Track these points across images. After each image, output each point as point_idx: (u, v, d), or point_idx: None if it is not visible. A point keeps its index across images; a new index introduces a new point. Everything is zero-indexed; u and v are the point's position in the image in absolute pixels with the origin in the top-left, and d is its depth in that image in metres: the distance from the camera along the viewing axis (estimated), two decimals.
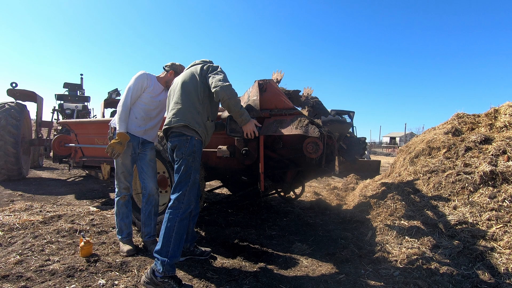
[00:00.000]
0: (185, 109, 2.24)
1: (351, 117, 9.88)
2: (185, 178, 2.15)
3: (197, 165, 2.21)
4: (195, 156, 2.20)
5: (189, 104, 2.26)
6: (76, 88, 9.50)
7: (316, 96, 4.14)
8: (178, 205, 2.11)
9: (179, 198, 2.12)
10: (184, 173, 2.16)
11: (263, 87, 2.69)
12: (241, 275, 2.26)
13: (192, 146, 2.19)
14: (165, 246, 2.04)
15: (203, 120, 2.29)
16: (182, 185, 2.14)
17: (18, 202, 4.44)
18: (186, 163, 2.16)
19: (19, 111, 6.42)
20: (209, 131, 2.38)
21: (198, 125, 2.23)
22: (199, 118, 2.26)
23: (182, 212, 2.10)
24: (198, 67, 2.39)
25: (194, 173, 2.18)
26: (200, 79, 2.33)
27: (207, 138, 2.38)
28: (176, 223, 2.07)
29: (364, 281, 2.19)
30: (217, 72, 2.32)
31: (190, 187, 2.16)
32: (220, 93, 2.19)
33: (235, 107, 2.26)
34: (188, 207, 2.15)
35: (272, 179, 3.01)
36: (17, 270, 2.18)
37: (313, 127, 2.49)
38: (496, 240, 2.41)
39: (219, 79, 2.25)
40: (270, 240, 3.06)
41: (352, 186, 5.68)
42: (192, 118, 2.22)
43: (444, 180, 3.24)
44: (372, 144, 41.05)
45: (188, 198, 2.14)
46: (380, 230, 3.00)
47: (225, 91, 2.19)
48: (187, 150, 2.18)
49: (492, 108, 4.01)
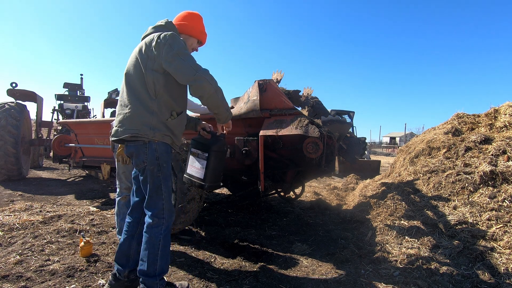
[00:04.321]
0: (132, 113, 1.78)
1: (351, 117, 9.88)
2: (156, 193, 1.81)
3: (167, 171, 1.85)
4: (160, 163, 1.81)
5: (137, 105, 1.78)
6: (76, 88, 9.50)
7: (316, 96, 4.14)
8: (158, 223, 1.80)
9: (158, 215, 1.81)
10: (152, 187, 1.81)
11: (263, 87, 2.69)
12: (241, 275, 2.26)
13: (153, 151, 1.79)
14: (152, 265, 1.78)
15: (162, 119, 1.81)
16: (156, 201, 1.82)
17: (18, 202, 4.44)
18: (151, 174, 1.80)
19: (19, 111, 6.42)
20: (177, 129, 1.92)
21: (153, 130, 1.77)
22: (154, 120, 1.78)
23: (165, 228, 1.82)
24: (143, 46, 1.79)
25: (165, 183, 1.84)
26: (146, 66, 1.76)
27: (176, 138, 1.94)
28: (162, 240, 1.80)
29: (364, 281, 2.19)
30: (178, 54, 1.70)
31: (167, 199, 1.83)
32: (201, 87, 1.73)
33: (223, 99, 1.86)
34: (170, 220, 1.85)
35: (272, 179, 3.01)
36: (17, 270, 2.18)
37: (313, 127, 2.49)
38: (496, 240, 2.41)
39: (188, 66, 1.71)
40: (270, 240, 3.06)
41: (352, 186, 5.68)
42: (142, 124, 1.76)
43: (444, 180, 3.24)
44: (372, 144, 41.05)
45: (169, 211, 1.84)
46: (380, 230, 3.00)
47: (209, 83, 1.74)
48: (147, 158, 1.79)
49: (492, 108, 4.01)
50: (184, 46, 1.77)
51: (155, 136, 1.78)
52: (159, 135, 1.79)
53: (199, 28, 2.02)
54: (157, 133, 1.78)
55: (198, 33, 2.03)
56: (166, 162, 1.86)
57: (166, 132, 1.83)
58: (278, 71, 4.29)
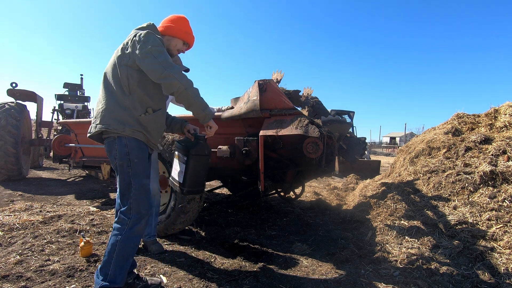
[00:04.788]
0: (105, 109, 1.78)
1: (351, 117, 9.88)
2: (126, 189, 1.77)
3: (138, 168, 1.79)
4: (131, 158, 1.76)
5: (110, 101, 1.78)
6: (76, 88, 9.50)
7: (316, 96, 4.14)
8: (123, 221, 1.75)
9: (124, 213, 1.76)
10: (122, 183, 1.78)
11: (263, 87, 2.69)
12: (241, 275, 2.26)
13: (123, 147, 1.76)
14: (104, 267, 1.72)
15: (135, 115, 1.78)
16: (125, 198, 1.77)
17: (18, 202, 4.44)
18: (121, 170, 1.77)
19: (19, 111, 6.42)
20: (151, 126, 1.86)
21: (123, 125, 1.75)
22: (125, 115, 1.76)
23: (128, 228, 1.73)
24: (120, 45, 1.83)
25: (135, 179, 1.77)
26: (121, 62, 1.77)
27: (150, 136, 1.87)
28: (119, 242, 1.72)
29: (364, 281, 2.19)
30: (150, 51, 1.70)
31: (135, 197, 1.76)
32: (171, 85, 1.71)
33: (196, 98, 1.80)
34: (137, 223, 1.76)
35: (272, 179, 3.01)
36: (17, 270, 2.18)
37: (313, 127, 2.49)
38: (496, 240, 2.41)
39: (158, 63, 1.69)
40: (270, 240, 3.06)
41: (352, 186, 5.68)
42: (113, 119, 1.75)
43: (444, 180, 3.24)
44: (372, 144, 41.06)
45: (137, 212, 1.75)
46: (380, 230, 3.00)
47: (178, 80, 1.70)
48: (118, 154, 1.77)
49: (492, 108, 4.01)
50: (159, 44, 1.75)
51: (125, 131, 1.75)
52: (129, 130, 1.76)
53: (183, 29, 2.02)
54: (127, 128, 1.75)
55: (182, 34, 2.02)
56: (138, 157, 1.79)
57: (137, 128, 1.79)
58: (278, 71, 4.30)
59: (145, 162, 1.86)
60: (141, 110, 1.81)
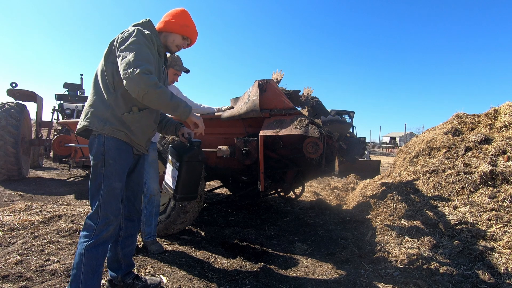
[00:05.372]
0: (90, 106, 1.70)
1: (351, 117, 9.89)
2: (95, 190, 1.64)
3: (112, 169, 1.65)
4: (106, 159, 1.64)
5: (94, 99, 1.71)
6: (76, 88, 9.50)
7: (316, 96, 4.14)
8: (90, 227, 1.62)
9: (91, 217, 1.63)
10: (93, 184, 1.65)
11: (263, 87, 2.69)
12: (241, 275, 2.26)
13: (100, 145, 1.65)
14: (74, 282, 1.57)
15: (118, 113, 1.67)
16: (94, 201, 1.64)
17: (18, 202, 4.44)
18: (94, 170, 1.66)
19: (19, 111, 6.42)
20: (135, 125, 1.73)
21: (103, 123, 1.65)
22: (107, 113, 1.66)
23: (94, 236, 1.60)
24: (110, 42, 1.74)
25: (106, 181, 1.63)
26: (107, 59, 1.69)
27: (134, 136, 1.74)
28: (86, 251, 1.57)
29: (364, 281, 2.19)
30: (126, 48, 1.59)
31: (104, 201, 1.62)
32: (130, 89, 1.55)
33: (161, 100, 1.62)
34: (104, 229, 1.62)
35: (272, 179, 3.01)
36: (17, 270, 2.18)
37: (313, 127, 2.49)
38: (496, 240, 2.41)
39: (126, 62, 1.55)
40: (270, 240, 3.06)
41: (352, 186, 5.68)
42: (95, 116, 1.67)
43: (444, 180, 3.24)
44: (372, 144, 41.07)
45: (104, 217, 1.62)
46: (380, 230, 3.00)
47: (136, 84, 1.52)
48: (94, 152, 1.67)
49: (492, 108, 4.01)
50: (140, 40, 1.62)
51: (104, 129, 1.64)
52: (109, 128, 1.65)
53: (181, 23, 1.87)
54: (107, 126, 1.65)
55: (180, 28, 1.87)
56: (114, 159, 1.66)
57: (118, 127, 1.68)
58: (278, 71, 4.30)
59: (122, 165, 1.71)
60: (125, 108, 1.69)
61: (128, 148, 1.75)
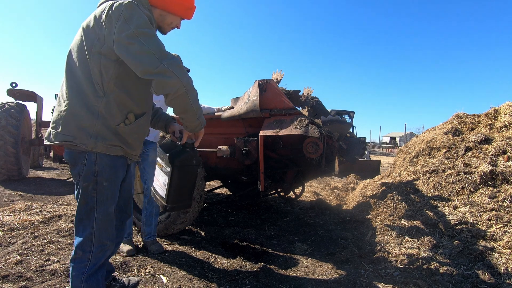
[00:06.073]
0: (69, 113, 1.32)
1: (351, 117, 9.89)
2: (86, 215, 1.38)
3: (107, 193, 1.40)
4: (99, 180, 1.37)
5: (75, 102, 1.32)
6: None
7: (316, 96, 4.15)
8: (82, 257, 1.38)
9: (83, 246, 1.38)
10: (83, 207, 1.38)
11: (263, 87, 2.69)
12: (241, 275, 2.26)
13: (91, 164, 1.35)
14: None
15: (111, 124, 1.35)
16: (84, 226, 1.39)
17: (18, 202, 4.44)
18: (84, 192, 1.37)
19: (19, 111, 6.42)
20: (132, 136, 1.44)
21: (94, 138, 1.32)
22: (97, 124, 1.32)
23: (91, 265, 1.39)
24: (91, 19, 1.30)
25: (101, 207, 1.39)
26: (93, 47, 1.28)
27: (130, 148, 1.46)
28: (83, 284, 1.38)
29: (364, 281, 2.19)
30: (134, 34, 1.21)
31: (98, 227, 1.39)
32: (167, 84, 1.24)
33: (194, 104, 1.36)
34: (101, 256, 1.42)
35: (272, 179, 3.02)
36: (17, 270, 2.18)
37: (313, 127, 2.49)
38: (496, 240, 2.41)
39: (150, 54, 1.21)
40: (270, 240, 3.06)
41: (352, 186, 5.68)
42: (79, 128, 1.32)
43: (444, 180, 3.24)
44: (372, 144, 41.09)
45: (99, 244, 1.40)
46: (380, 230, 3.00)
47: (178, 78, 1.24)
48: (83, 171, 1.36)
49: (492, 108, 4.01)
50: (146, 23, 1.26)
51: (96, 147, 1.33)
52: (102, 145, 1.34)
53: (186, 4, 1.51)
54: (99, 143, 1.33)
55: (184, 10, 1.52)
56: (109, 180, 1.40)
57: (114, 142, 1.37)
58: (278, 71, 4.30)
59: (117, 185, 1.46)
60: (120, 117, 1.37)
61: (123, 161, 1.49)
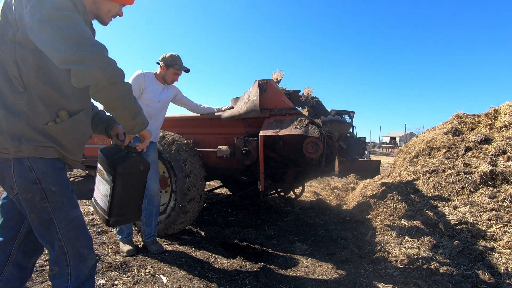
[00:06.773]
0: None
1: (351, 117, 9.89)
2: (44, 230, 1.18)
3: (60, 198, 1.18)
4: (44, 187, 1.15)
5: None
6: None
7: (316, 96, 4.14)
8: (60, 272, 1.20)
9: (57, 261, 1.20)
10: (38, 223, 1.17)
11: (263, 87, 2.69)
12: (241, 275, 2.26)
13: (26, 172, 1.14)
14: None
15: (38, 123, 1.14)
16: (48, 241, 1.20)
17: None
18: (30, 205, 1.15)
19: None
20: (66, 138, 1.21)
21: (18, 141, 1.12)
22: (20, 124, 1.12)
23: (73, 280, 1.21)
24: (1, 3, 1.11)
25: (60, 215, 1.18)
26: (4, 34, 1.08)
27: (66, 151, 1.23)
28: None
29: (364, 281, 2.19)
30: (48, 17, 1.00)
31: (67, 238, 1.19)
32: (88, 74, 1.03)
33: (127, 98, 1.17)
34: (82, 267, 1.23)
35: (272, 179, 3.02)
36: None
37: (313, 127, 2.49)
38: (496, 240, 2.41)
39: (65, 38, 1.00)
40: (270, 240, 3.07)
41: (352, 186, 5.68)
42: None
43: (444, 180, 3.24)
44: (372, 144, 41.11)
45: (75, 254, 1.21)
46: (380, 230, 3.00)
47: (101, 68, 1.04)
48: (17, 183, 1.14)
49: (492, 108, 4.01)
50: (64, 4, 1.04)
51: (21, 150, 1.12)
52: (28, 148, 1.13)
53: None
54: (24, 145, 1.12)
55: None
56: (58, 184, 1.19)
57: (44, 143, 1.15)
58: (278, 71, 4.29)
59: (69, 188, 1.23)
60: (48, 115, 1.16)
61: (62, 165, 1.26)
